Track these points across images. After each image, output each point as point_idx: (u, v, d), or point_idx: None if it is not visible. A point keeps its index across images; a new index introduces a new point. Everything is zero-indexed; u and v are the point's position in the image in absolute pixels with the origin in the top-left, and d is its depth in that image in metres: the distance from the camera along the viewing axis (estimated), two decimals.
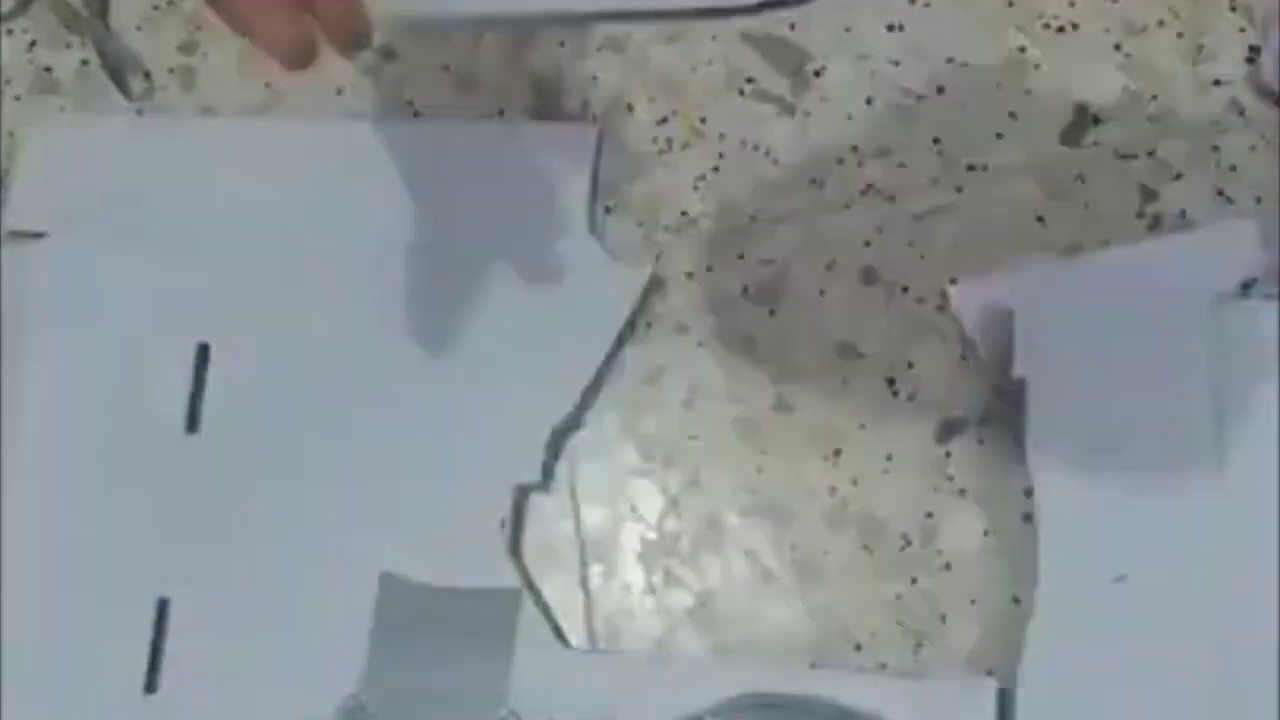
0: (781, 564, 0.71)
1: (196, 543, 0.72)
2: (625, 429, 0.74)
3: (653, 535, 0.73)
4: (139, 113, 0.81)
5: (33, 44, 0.83)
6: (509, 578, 0.71)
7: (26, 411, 0.75)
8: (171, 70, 0.81)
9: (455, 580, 0.71)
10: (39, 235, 0.78)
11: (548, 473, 0.73)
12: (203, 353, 0.75)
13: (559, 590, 0.72)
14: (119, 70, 0.81)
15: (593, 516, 0.73)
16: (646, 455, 0.74)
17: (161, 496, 0.73)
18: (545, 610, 0.71)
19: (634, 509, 0.73)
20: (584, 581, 0.72)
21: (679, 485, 0.73)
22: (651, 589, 0.72)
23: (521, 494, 0.73)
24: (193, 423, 0.75)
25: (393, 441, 0.73)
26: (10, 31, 0.83)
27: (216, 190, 0.78)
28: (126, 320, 0.76)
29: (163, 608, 0.72)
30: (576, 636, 0.71)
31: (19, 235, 0.79)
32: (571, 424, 0.74)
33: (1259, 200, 0.74)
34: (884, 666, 0.70)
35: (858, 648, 0.70)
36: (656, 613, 0.72)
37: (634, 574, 0.72)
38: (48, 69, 0.82)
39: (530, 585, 0.71)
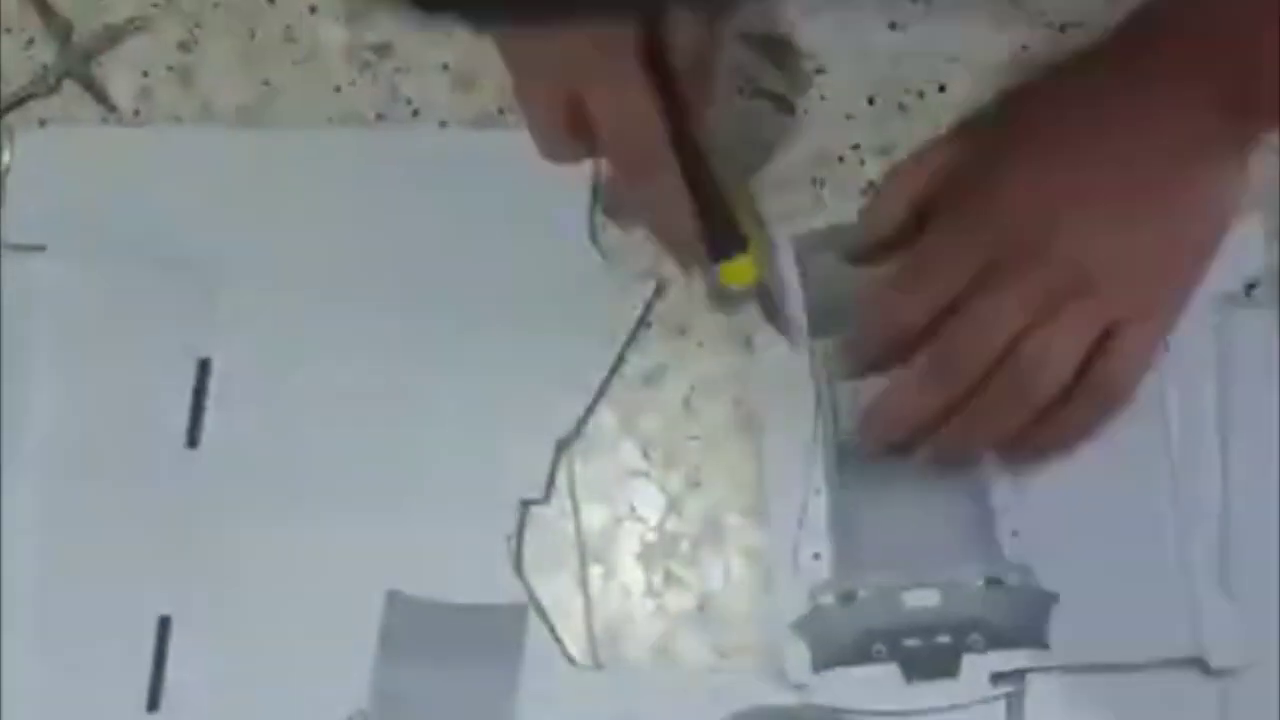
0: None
1: (198, 559, 0.72)
2: (625, 429, 0.74)
3: (653, 536, 0.72)
4: (135, 114, 0.80)
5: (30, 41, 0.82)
6: (515, 593, 0.71)
7: (26, 426, 0.74)
8: (170, 68, 0.81)
9: (461, 597, 0.70)
10: (39, 248, 0.77)
11: (551, 486, 0.73)
12: (203, 367, 0.75)
13: (559, 592, 0.72)
14: (100, 90, 0.81)
15: (593, 517, 0.73)
16: (646, 455, 0.74)
17: (162, 512, 0.73)
18: (551, 626, 0.70)
19: (634, 509, 0.73)
20: (584, 583, 0.72)
21: (679, 485, 0.73)
22: (652, 589, 0.72)
23: (526, 509, 0.72)
24: (193, 438, 0.74)
25: (396, 456, 0.73)
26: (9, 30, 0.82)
27: (217, 202, 0.77)
28: (127, 335, 0.75)
29: (164, 625, 0.71)
30: (576, 640, 0.71)
31: (19, 248, 0.77)
32: (574, 437, 0.73)
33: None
34: None
35: None
36: (657, 614, 0.71)
37: (634, 575, 0.72)
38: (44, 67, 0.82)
39: (535, 601, 0.71)
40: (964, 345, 0.67)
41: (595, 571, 0.72)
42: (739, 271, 0.71)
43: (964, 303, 0.67)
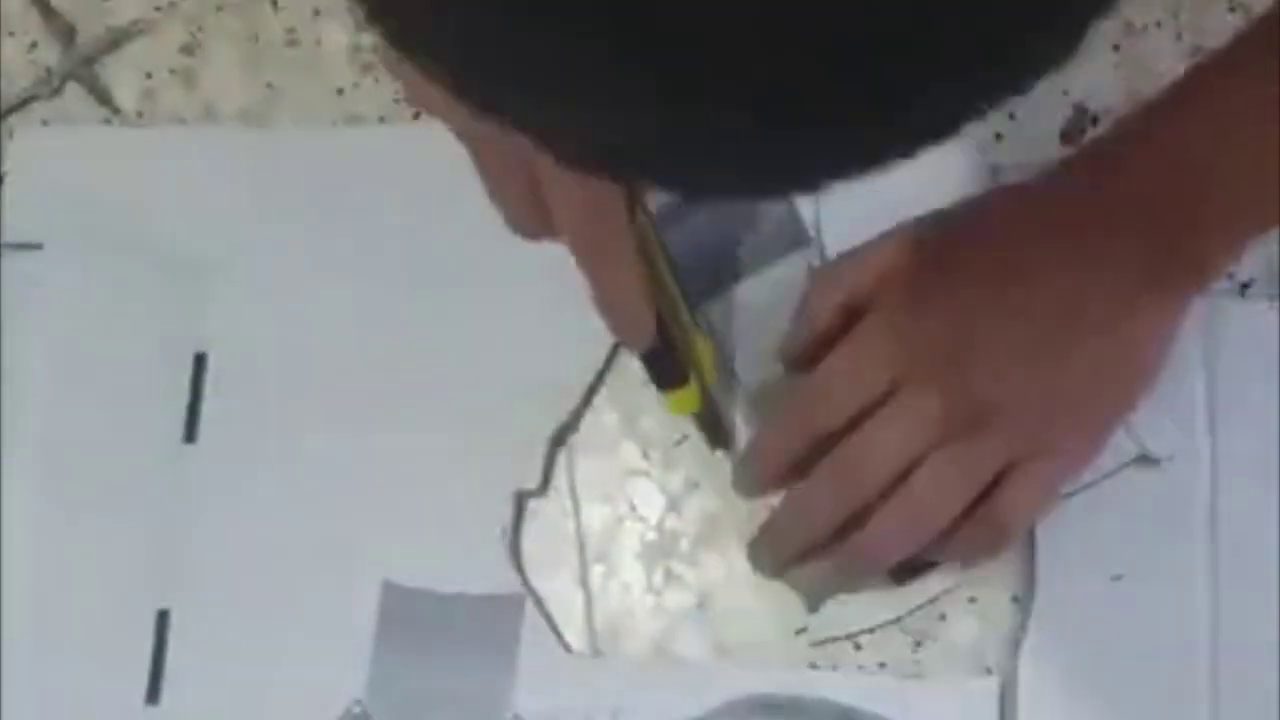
0: None
1: (196, 553, 0.72)
2: (625, 429, 0.74)
3: (653, 535, 0.72)
4: (139, 116, 0.80)
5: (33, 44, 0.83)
6: (511, 584, 0.71)
7: (25, 423, 0.74)
8: (173, 71, 0.81)
9: (458, 587, 0.70)
10: (36, 246, 0.77)
11: (547, 478, 0.73)
12: (200, 362, 0.75)
13: (559, 590, 0.71)
14: (104, 92, 0.81)
15: (593, 516, 0.73)
16: (646, 455, 0.74)
17: (160, 507, 0.72)
18: (547, 616, 0.70)
19: (634, 508, 0.73)
20: (584, 581, 0.72)
21: (679, 485, 0.73)
22: (652, 588, 0.72)
23: (521, 500, 0.72)
24: (190, 432, 0.74)
25: (392, 448, 0.72)
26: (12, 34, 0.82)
27: (214, 199, 0.77)
28: (123, 331, 0.75)
29: (163, 618, 0.71)
30: (576, 636, 0.71)
31: (16, 246, 0.77)
32: (570, 428, 0.73)
33: None
34: (883, 666, 0.70)
35: (857, 647, 0.70)
36: (656, 612, 0.71)
37: (634, 574, 0.72)
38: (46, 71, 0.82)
39: (532, 591, 0.71)
40: (858, 467, 0.66)
41: (596, 570, 0.72)
42: (681, 403, 0.70)
43: (866, 418, 0.66)
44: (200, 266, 0.76)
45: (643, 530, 0.73)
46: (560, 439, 0.73)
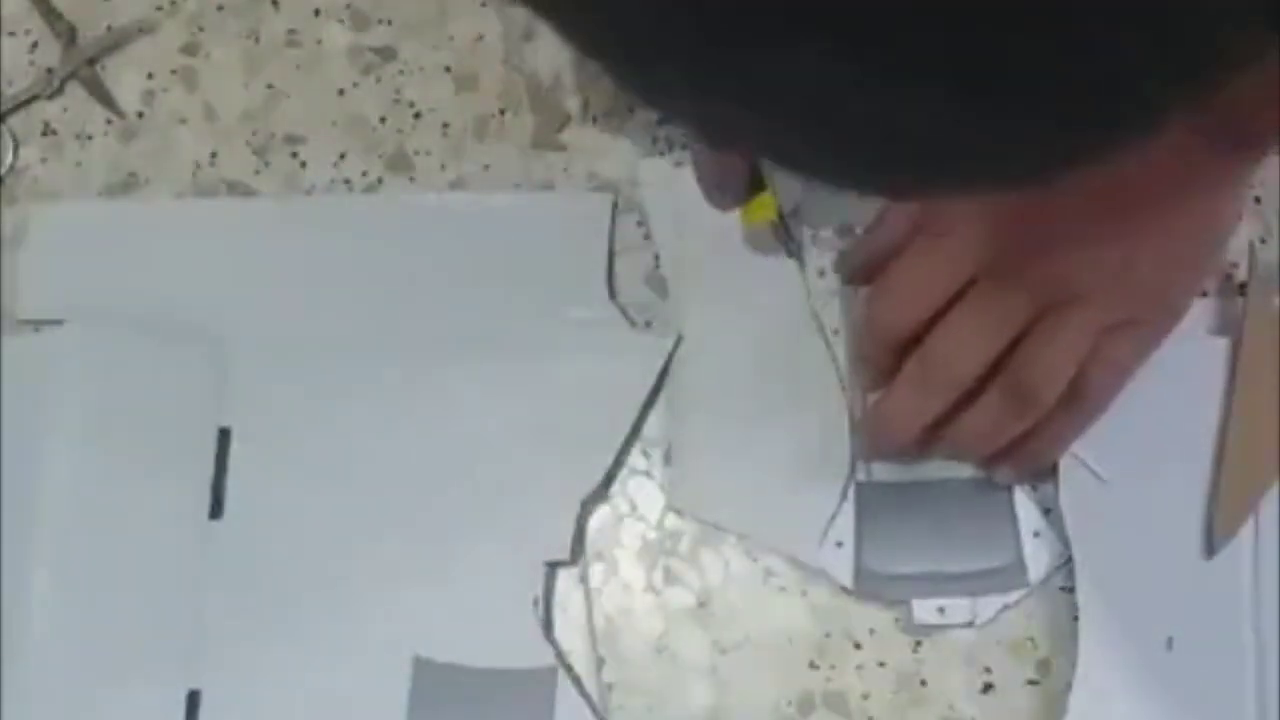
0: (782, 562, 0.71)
1: (226, 631, 0.69)
2: None
3: (653, 534, 0.71)
4: (139, 117, 0.79)
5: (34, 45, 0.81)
6: (544, 656, 0.69)
7: (48, 503, 0.70)
8: (174, 71, 0.80)
9: (490, 661, 0.69)
10: (56, 322, 0.74)
11: (577, 547, 0.71)
12: (224, 436, 0.72)
13: (558, 590, 0.71)
14: (104, 92, 0.80)
15: (593, 516, 0.72)
16: (646, 455, 0.72)
17: (188, 585, 0.70)
18: (581, 688, 0.69)
19: (635, 508, 0.72)
20: (584, 580, 0.71)
21: None
22: (652, 588, 0.71)
23: (553, 571, 0.70)
24: (216, 508, 0.71)
25: (420, 521, 0.70)
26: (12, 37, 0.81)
27: (235, 272, 0.75)
28: (146, 406, 0.72)
29: (194, 699, 0.69)
30: (577, 637, 0.70)
31: (36, 323, 0.75)
32: (599, 497, 0.72)
33: (1258, 200, 0.73)
34: (882, 665, 0.69)
35: (857, 646, 0.70)
36: (656, 611, 0.71)
37: (634, 573, 0.71)
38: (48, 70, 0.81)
39: (565, 663, 0.69)
40: (949, 354, 0.66)
41: (596, 569, 0.71)
42: (758, 210, 0.71)
43: (947, 313, 0.66)
44: (222, 340, 0.73)
45: (643, 529, 0.72)
46: (590, 507, 0.72)
